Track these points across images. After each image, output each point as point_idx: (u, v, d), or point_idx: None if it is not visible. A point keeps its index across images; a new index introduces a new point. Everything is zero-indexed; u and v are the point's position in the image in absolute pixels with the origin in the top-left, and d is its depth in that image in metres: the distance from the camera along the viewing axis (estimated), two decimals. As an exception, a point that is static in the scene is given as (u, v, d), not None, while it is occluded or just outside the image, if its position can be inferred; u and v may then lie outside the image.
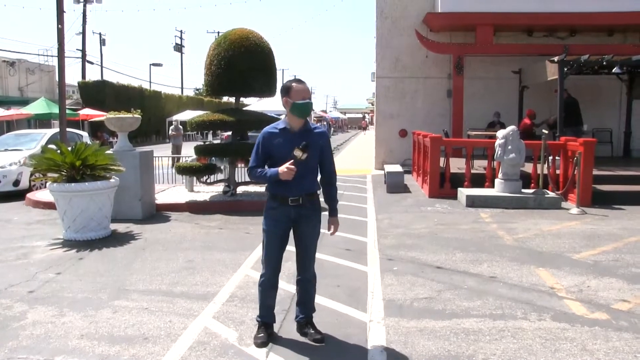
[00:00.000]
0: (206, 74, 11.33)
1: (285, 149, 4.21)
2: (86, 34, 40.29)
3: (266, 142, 4.31)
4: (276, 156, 4.26)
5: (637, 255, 7.28)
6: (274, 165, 4.26)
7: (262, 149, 4.32)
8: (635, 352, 4.32)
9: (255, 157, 4.35)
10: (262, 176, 4.29)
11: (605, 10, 15.73)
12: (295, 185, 4.24)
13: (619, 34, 17.36)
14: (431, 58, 17.37)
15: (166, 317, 5.03)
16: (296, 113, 4.26)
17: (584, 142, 11.17)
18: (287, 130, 4.31)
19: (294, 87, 4.26)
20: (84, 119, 32.62)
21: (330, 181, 4.52)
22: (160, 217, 10.13)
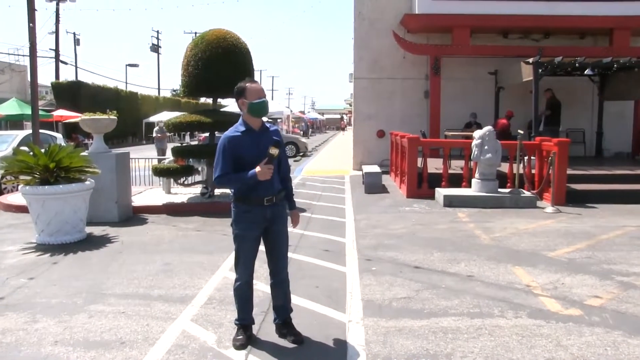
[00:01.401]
0: (183, 74, 11.26)
1: (254, 150, 4.20)
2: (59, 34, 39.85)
3: (233, 146, 4.23)
4: (245, 158, 4.21)
5: (609, 252, 7.41)
6: (240, 168, 4.20)
7: (231, 154, 4.23)
8: (606, 345, 4.42)
9: (223, 164, 4.23)
10: (237, 181, 4.23)
11: (577, 13, 16.05)
12: (270, 184, 4.25)
13: (589, 37, 17.65)
14: (409, 59, 17.47)
15: (143, 320, 4.99)
16: (254, 113, 4.25)
17: (558, 142, 11.34)
18: (249, 131, 4.29)
19: (249, 88, 4.26)
20: (58, 120, 32.22)
21: (287, 176, 4.57)
22: (137, 219, 10.04)
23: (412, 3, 17.12)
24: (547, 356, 4.22)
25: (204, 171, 12.18)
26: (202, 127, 11.81)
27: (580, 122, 17.41)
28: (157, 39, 60.07)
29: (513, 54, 15.92)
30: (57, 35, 39.75)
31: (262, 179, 4.13)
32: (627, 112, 17.24)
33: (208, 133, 12.14)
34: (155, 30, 62.00)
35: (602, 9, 16.09)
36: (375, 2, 17.82)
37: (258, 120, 4.32)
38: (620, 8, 16.16)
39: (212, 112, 11.65)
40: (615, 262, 6.93)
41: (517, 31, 17.25)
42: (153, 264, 6.93)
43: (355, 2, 18.00)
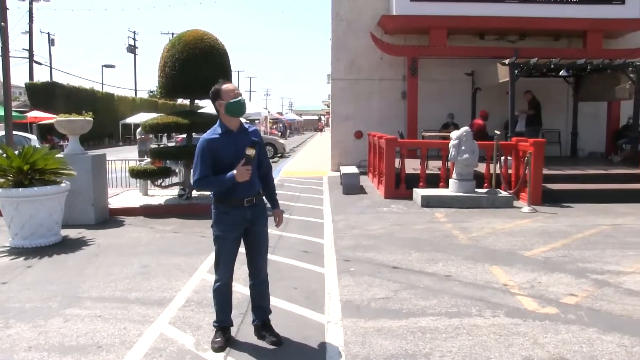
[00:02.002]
0: (160, 75, 11.19)
1: (231, 152, 4.18)
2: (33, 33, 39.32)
3: (211, 149, 4.20)
4: (224, 160, 4.19)
5: (584, 251, 7.51)
6: (219, 171, 4.19)
7: (209, 157, 4.20)
8: (581, 342, 4.49)
9: (202, 166, 4.20)
10: (217, 183, 4.21)
11: (551, 16, 16.27)
12: (249, 185, 4.24)
13: (564, 39, 17.88)
14: (386, 60, 17.53)
15: (120, 324, 4.93)
16: (232, 113, 4.23)
17: (534, 142, 11.46)
18: (227, 133, 4.27)
19: (224, 89, 4.24)
20: (32, 122, 31.78)
21: (268, 176, 4.56)
22: (114, 221, 9.93)
23: (390, 4, 17.19)
24: (524, 354, 4.27)
25: (182, 173, 12.10)
26: (179, 129, 11.74)
27: (556, 123, 17.63)
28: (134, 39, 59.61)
29: (489, 55, 16.07)
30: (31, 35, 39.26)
31: (240, 180, 4.11)
32: (601, 113, 17.49)
33: (185, 134, 12.05)
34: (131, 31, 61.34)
35: (575, 11, 16.35)
36: (353, 3, 17.86)
37: (236, 121, 4.30)
38: (593, 11, 16.41)
39: (190, 114, 11.58)
40: (590, 260, 7.02)
41: (494, 32, 17.42)
42: (130, 266, 6.86)
43: (333, 3, 18.02)
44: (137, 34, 60.06)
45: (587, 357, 4.23)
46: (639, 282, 6.11)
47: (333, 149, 18.64)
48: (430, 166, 13.08)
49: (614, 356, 4.24)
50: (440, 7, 16.24)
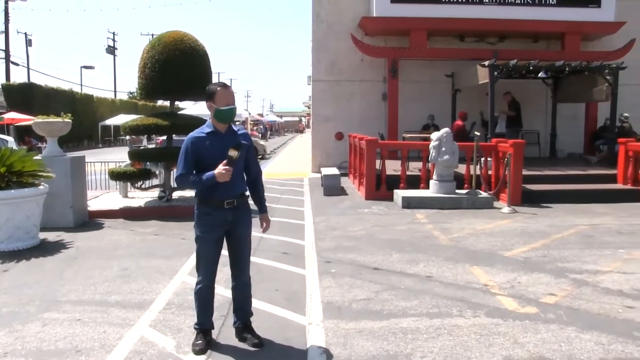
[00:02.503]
0: (140, 77, 11.10)
1: (216, 152, 4.17)
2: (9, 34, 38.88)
3: (195, 147, 4.23)
4: (207, 160, 4.20)
5: (563, 250, 7.59)
6: (204, 170, 4.19)
7: (192, 155, 4.23)
8: (560, 341, 4.53)
9: (184, 163, 4.25)
10: (197, 182, 4.21)
11: (530, 18, 16.47)
12: (230, 187, 4.22)
13: (543, 41, 18.09)
14: (367, 62, 17.57)
15: (100, 327, 4.88)
16: (219, 119, 4.25)
17: (513, 143, 11.56)
18: (214, 133, 4.27)
19: (219, 92, 4.22)
20: (9, 124, 31.35)
21: (257, 180, 4.55)
22: (93, 224, 9.84)
23: (370, 6, 17.24)
24: (504, 354, 4.30)
25: (162, 175, 12.02)
26: (159, 130, 11.65)
27: (535, 124, 17.80)
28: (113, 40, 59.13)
29: (469, 57, 16.20)
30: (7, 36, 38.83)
31: (220, 180, 4.11)
32: (579, 114, 17.71)
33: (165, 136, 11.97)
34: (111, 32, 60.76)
35: (553, 14, 16.56)
36: (334, 5, 17.88)
37: (225, 124, 4.31)
38: (571, 14, 16.64)
39: (170, 115, 11.50)
40: (569, 260, 7.10)
41: (473, 34, 17.55)
42: (110, 269, 6.80)
43: (314, 4, 18.03)
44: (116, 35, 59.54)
45: (566, 355, 4.27)
46: (616, 281, 6.19)
47: (314, 150, 18.65)
48: (411, 167, 13.13)
49: (592, 354, 4.29)
50: (420, 8, 16.33)
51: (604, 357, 4.26)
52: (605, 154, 15.10)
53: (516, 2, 16.64)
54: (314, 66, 18.36)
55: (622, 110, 15.60)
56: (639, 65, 17.71)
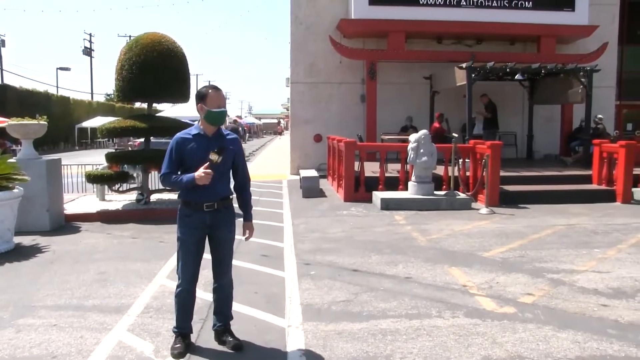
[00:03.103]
0: (117, 79, 11.00)
1: (200, 154, 4.17)
2: (-17, 36, 38.23)
3: (180, 148, 4.25)
4: (190, 161, 4.21)
5: (540, 251, 7.67)
6: (187, 171, 4.20)
7: (176, 155, 4.25)
8: (538, 340, 4.59)
9: (168, 163, 4.27)
10: (177, 182, 4.22)
11: (507, 21, 16.65)
12: (210, 190, 4.20)
13: (519, 44, 18.29)
14: (345, 63, 17.60)
15: (77, 332, 4.82)
16: (210, 121, 4.25)
17: (491, 145, 11.66)
18: (200, 135, 4.27)
19: (210, 95, 4.23)
20: (-17, 126, 30.83)
21: (244, 186, 4.52)
22: (70, 228, 9.72)
23: (349, 8, 17.28)
24: (483, 354, 4.33)
25: (140, 177, 11.92)
26: (137, 133, 11.57)
27: (512, 126, 17.99)
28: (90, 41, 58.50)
29: (447, 59, 16.32)
30: (-20, 37, 38.17)
31: (199, 183, 4.10)
32: (555, 115, 17.94)
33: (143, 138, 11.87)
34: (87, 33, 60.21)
35: (529, 17, 16.77)
36: (312, 7, 17.88)
37: (213, 126, 4.29)
38: (546, 17, 16.87)
39: (148, 117, 11.41)
40: (546, 260, 7.18)
41: (451, 37, 17.69)
42: (87, 273, 6.72)
43: (292, 6, 18.02)
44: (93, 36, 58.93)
45: (544, 354, 4.32)
46: (591, 280, 6.28)
47: (292, 152, 18.62)
48: (390, 169, 13.19)
49: (569, 352, 4.35)
50: (398, 11, 16.42)
51: (580, 354, 4.32)
52: (580, 155, 15.31)
53: (493, 5, 16.79)
54: (292, 68, 18.35)
55: (596, 112, 15.85)
56: (611, 68, 18.11)
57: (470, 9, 16.68)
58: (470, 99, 14.03)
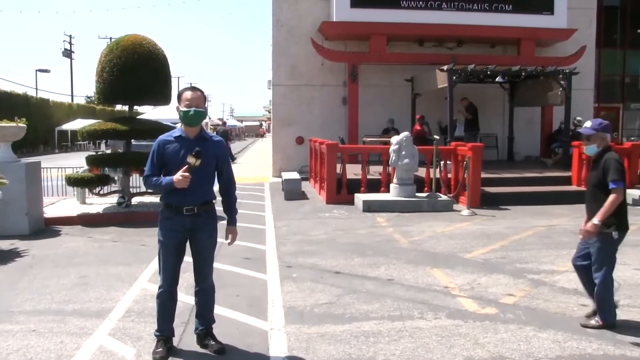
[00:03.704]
0: (98, 81, 10.91)
1: (179, 157, 4.16)
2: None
3: (161, 150, 4.24)
4: (171, 164, 4.19)
5: (521, 252, 7.74)
6: (169, 173, 4.18)
7: (157, 157, 4.25)
8: (519, 340, 4.64)
9: (150, 165, 4.27)
10: (157, 185, 4.21)
11: (487, 24, 16.78)
12: (190, 194, 4.18)
13: (500, 46, 18.45)
14: (327, 66, 17.61)
15: (57, 337, 4.77)
16: (182, 121, 4.25)
17: (472, 147, 11.75)
18: (182, 138, 4.25)
19: (182, 95, 4.25)
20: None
21: (228, 190, 4.49)
22: (50, 231, 9.61)
23: (330, 10, 17.31)
24: (465, 354, 4.36)
25: (121, 180, 11.82)
26: (118, 135, 11.47)
27: (493, 128, 18.15)
28: (70, 43, 57.86)
29: (428, 62, 16.41)
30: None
31: (178, 186, 4.09)
32: (536, 118, 18.12)
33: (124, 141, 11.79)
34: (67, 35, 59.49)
35: (509, 20, 16.93)
36: (294, 10, 17.88)
37: (194, 128, 4.28)
38: (525, 20, 17.04)
39: (129, 120, 11.34)
40: (527, 261, 7.25)
41: (432, 39, 17.79)
42: (67, 277, 6.65)
43: (274, 9, 18.00)
44: (73, 38, 58.28)
45: (525, 354, 4.36)
46: (571, 281, 6.33)
47: (274, 154, 18.60)
48: (372, 171, 13.21)
49: (549, 352, 4.39)
50: (379, 14, 16.48)
51: (560, 354, 4.36)
52: (560, 156, 15.47)
53: (474, 8, 16.93)
54: (274, 71, 18.32)
55: (575, 114, 16.03)
56: (589, 70, 18.36)
57: (451, 12, 16.80)
58: (452, 101, 14.12)
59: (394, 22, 16.47)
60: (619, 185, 4.71)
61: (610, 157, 4.87)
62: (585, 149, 5.20)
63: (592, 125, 5.05)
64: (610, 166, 4.79)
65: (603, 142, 5.00)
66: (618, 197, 4.70)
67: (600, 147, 5.00)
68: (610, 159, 4.84)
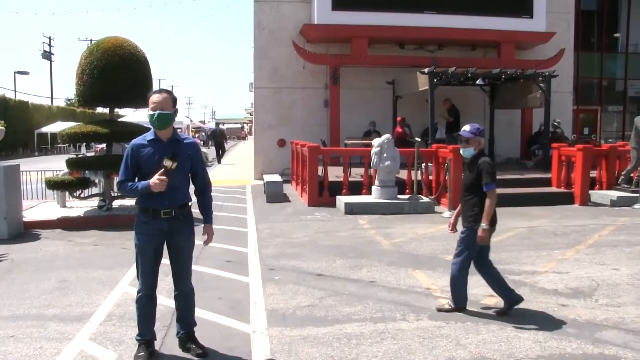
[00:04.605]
0: (78, 83, 10.82)
1: (155, 160, 4.14)
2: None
3: (135, 154, 4.20)
4: (146, 167, 4.16)
5: (502, 253, 7.79)
6: (144, 177, 4.15)
7: (132, 161, 4.20)
8: (500, 341, 4.68)
9: (124, 170, 4.22)
10: (132, 189, 4.18)
11: (467, 27, 16.92)
12: (167, 197, 4.16)
13: (480, 49, 18.62)
14: (308, 69, 17.64)
15: (36, 343, 4.71)
16: (150, 123, 4.22)
17: (453, 149, 11.81)
18: (155, 140, 4.22)
19: (150, 98, 4.22)
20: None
21: (204, 191, 4.49)
22: (29, 235, 9.51)
23: (312, 13, 17.34)
24: (447, 355, 4.39)
25: (102, 183, 11.73)
26: (99, 138, 11.37)
27: (474, 130, 18.26)
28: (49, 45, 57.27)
29: (409, 64, 16.51)
30: None
31: (155, 190, 4.07)
32: (516, 120, 18.30)
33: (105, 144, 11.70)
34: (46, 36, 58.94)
35: (489, 23, 17.08)
36: (275, 12, 17.89)
37: (166, 131, 4.26)
38: (505, 23, 17.24)
39: (109, 123, 11.26)
40: (508, 262, 7.31)
41: (413, 42, 17.89)
42: (47, 281, 6.58)
43: (255, 11, 17.99)
44: (52, 40, 57.71)
45: (506, 354, 4.40)
46: (551, 281, 6.42)
47: (256, 157, 18.57)
48: (353, 173, 13.25)
49: (530, 352, 4.44)
50: (361, 16, 16.55)
51: (541, 354, 4.41)
52: (539, 158, 15.64)
53: (454, 12, 17.05)
54: (255, 73, 18.31)
55: (554, 117, 16.24)
56: (568, 73, 18.61)
57: (432, 15, 16.91)
58: (433, 103, 14.21)
59: (376, 24, 16.55)
60: (492, 188, 5.19)
61: (484, 161, 5.30)
62: (462, 151, 5.53)
63: (470, 129, 5.43)
64: (484, 170, 5.21)
65: (479, 145, 5.44)
66: (493, 198, 5.20)
67: (476, 150, 5.40)
68: (484, 163, 5.26)
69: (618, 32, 24.60)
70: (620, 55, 24.75)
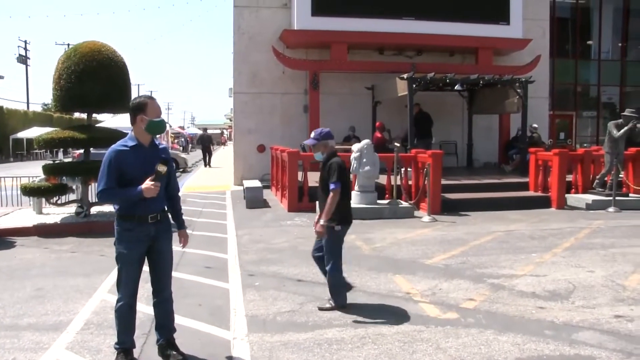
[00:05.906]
0: (55, 88, 10.71)
1: (139, 166, 4.11)
2: None
3: (118, 161, 4.14)
4: (132, 174, 4.12)
5: (481, 257, 7.86)
6: (130, 183, 4.10)
7: (116, 168, 4.13)
8: (480, 344, 4.71)
9: (107, 178, 4.12)
10: (122, 196, 4.13)
11: (446, 33, 17.07)
12: (152, 202, 4.16)
13: (458, 55, 18.78)
14: (288, 74, 17.63)
15: (9, 354, 4.62)
16: (152, 130, 4.19)
17: (432, 154, 11.90)
18: (138, 146, 4.19)
19: (150, 104, 4.18)
20: None
21: (175, 194, 4.54)
22: (3, 243, 9.35)
23: (291, 19, 17.35)
24: (428, 359, 4.41)
25: (79, 189, 11.60)
26: (76, 144, 11.28)
27: (453, 135, 18.43)
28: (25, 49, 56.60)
29: (388, 70, 16.58)
30: None
31: (147, 196, 4.05)
32: (494, 125, 18.47)
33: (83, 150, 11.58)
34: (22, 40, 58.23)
35: (467, 29, 17.24)
36: (255, 17, 17.86)
37: (149, 136, 4.22)
38: (483, 30, 17.42)
39: (87, 128, 11.15)
40: (487, 265, 7.37)
41: (392, 48, 17.98)
42: (22, 290, 6.48)
43: (235, 16, 17.95)
44: (28, 44, 57.10)
45: (485, 357, 4.44)
46: (529, 284, 6.48)
47: (236, 162, 18.49)
48: (334, 179, 13.22)
49: (509, 355, 4.48)
50: (340, 22, 16.60)
51: (519, 356, 4.45)
52: (517, 162, 15.80)
53: (433, 17, 17.18)
54: (235, 78, 18.26)
55: (531, 122, 16.44)
56: (544, 79, 18.88)
57: (410, 20, 17.01)
58: (412, 109, 14.29)
59: (355, 30, 16.61)
60: (336, 187, 5.43)
61: (334, 161, 5.54)
62: (315, 156, 5.83)
63: (313, 135, 5.70)
64: (331, 169, 5.47)
65: (326, 148, 5.69)
66: (335, 196, 5.46)
67: (325, 154, 5.66)
68: (333, 163, 5.51)
69: (591, 40, 25.01)
70: (593, 62, 25.17)
